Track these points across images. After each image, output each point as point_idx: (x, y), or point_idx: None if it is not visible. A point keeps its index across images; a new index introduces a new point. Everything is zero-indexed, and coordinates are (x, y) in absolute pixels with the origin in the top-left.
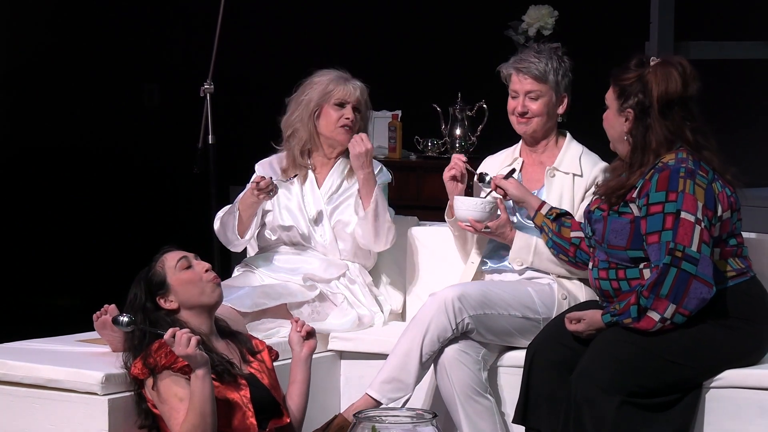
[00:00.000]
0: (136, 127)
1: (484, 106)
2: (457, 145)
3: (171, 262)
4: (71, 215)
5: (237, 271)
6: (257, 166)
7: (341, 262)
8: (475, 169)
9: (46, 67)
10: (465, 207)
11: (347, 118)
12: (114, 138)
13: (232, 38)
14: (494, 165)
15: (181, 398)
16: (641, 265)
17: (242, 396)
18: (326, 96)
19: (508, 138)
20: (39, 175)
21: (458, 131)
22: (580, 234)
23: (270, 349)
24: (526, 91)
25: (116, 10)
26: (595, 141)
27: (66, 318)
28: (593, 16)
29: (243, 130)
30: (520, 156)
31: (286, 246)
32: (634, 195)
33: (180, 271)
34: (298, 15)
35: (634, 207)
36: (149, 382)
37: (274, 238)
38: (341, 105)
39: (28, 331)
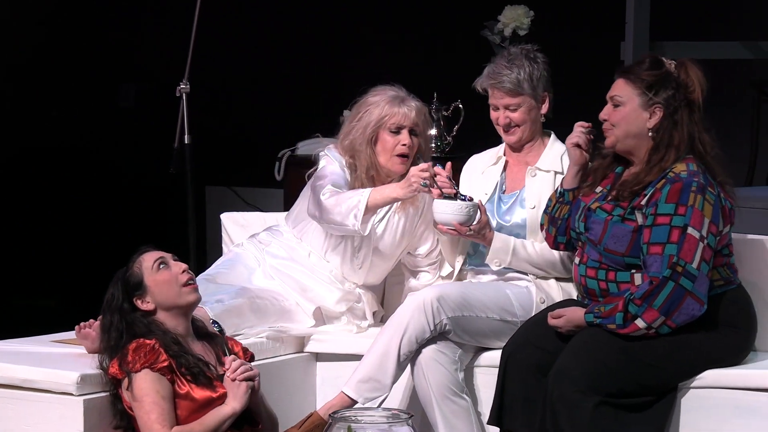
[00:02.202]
0: (112, 128)
1: (460, 106)
2: (433, 145)
3: (148, 262)
4: (46, 216)
5: (241, 247)
6: (326, 152)
7: (355, 291)
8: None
9: (20, 68)
10: (450, 211)
11: (404, 145)
12: (89, 138)
13: (209, 38)
14: (479, 164)
15: (163, 396)
16: (633, 270)
17: (217, 397)
18: (382, 121)
19: (485, 138)
20: (13, 176)
21: (434, 131)
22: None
23: (245, 350)
24: (505, 105)
25: (91, 10)
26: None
27: (41, 318)
28: (569, 16)
29: (219, 130)
30: (504, 155)
31: (316, 249)
32: (642, 202)
33: (157, 272)
34: (275, 15)
35: (639, 215)
36: (125, 382)
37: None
38: (397, 131)
39: (2, 331)
